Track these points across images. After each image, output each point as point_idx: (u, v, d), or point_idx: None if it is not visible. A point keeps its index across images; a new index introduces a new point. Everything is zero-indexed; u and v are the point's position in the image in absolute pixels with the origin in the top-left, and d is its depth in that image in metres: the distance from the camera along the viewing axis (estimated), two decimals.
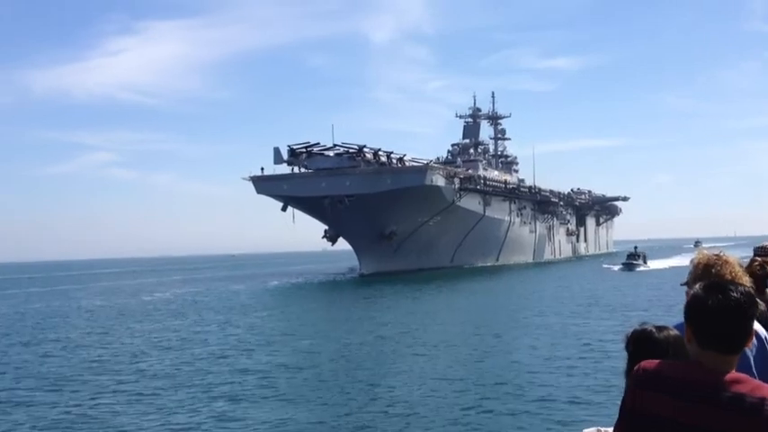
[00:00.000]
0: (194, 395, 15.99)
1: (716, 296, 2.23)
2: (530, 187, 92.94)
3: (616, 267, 65.21)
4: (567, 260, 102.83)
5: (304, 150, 66.85)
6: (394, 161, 66.15)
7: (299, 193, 65.19)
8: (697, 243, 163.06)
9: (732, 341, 2.23)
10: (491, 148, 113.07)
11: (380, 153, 66.75)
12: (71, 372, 20.05)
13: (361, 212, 64.48)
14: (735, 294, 2.22)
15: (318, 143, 66.62)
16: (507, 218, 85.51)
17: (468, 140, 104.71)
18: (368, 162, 65.76)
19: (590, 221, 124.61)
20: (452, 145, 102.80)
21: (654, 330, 2.60)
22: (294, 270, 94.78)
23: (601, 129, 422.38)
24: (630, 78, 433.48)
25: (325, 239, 69.72)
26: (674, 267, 58.57)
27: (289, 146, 66.58)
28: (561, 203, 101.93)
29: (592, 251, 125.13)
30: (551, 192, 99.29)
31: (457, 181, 69.95)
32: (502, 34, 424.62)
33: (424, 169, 64.80)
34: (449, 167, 69.33)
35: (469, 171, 75.91)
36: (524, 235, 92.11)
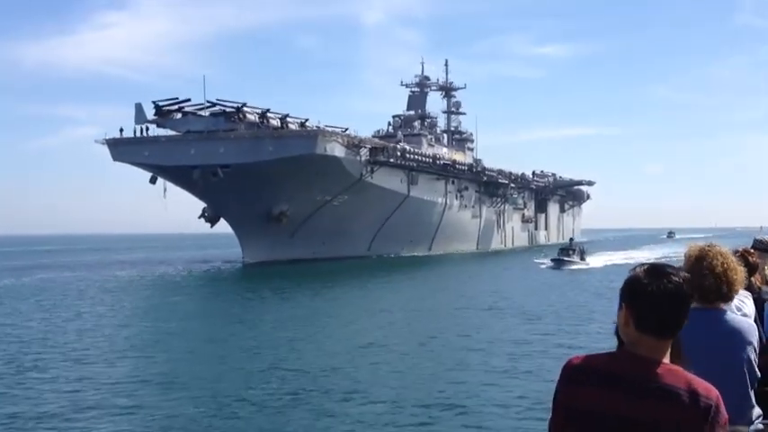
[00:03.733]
0: None
1: (658, 280, 2.20)
2: (470, 165, 79.90)
3: (547, 264, 52.47)
4: (523, 250, 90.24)
5: (174, 108, 53.78)
6: (278, 123, 53.10)
7: (163, 162, 52.24)
8: (670, 234, 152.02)
9: (670, 326, 2.21)
10: (441, 122, 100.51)
11: (270, 114, 53.75)
12: None
13: (239, 187, 51.68)
14: (676, 279, 2.20)
15: (189, 99, 53.58)
16: (441, 200, 72.74)
17: (412, 112, 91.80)
18: (251, 125, 52.80)
19: (552, 208, 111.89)
20: (393, 116, 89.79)
21: None
22: (157, 257, 78.73)
23: (590, 117, 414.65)
24: (621, 69, 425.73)
25: (203, 220, 56.87)
26: (618, 265, 46.35)
27: (154, 102, 53.50)
28: (513, 186, 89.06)
29: (554, 240, 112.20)
30: (500, 172, 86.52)
31: (364, 152, 57.01)
32: (494, 20, 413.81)
33: (313, 134, 51.79)
34: (350, 135, 56.19)
35: (382, 141, 62.85)
36: (465, 220, 79.40)
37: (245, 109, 52.23)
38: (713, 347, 3.11)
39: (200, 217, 56.59)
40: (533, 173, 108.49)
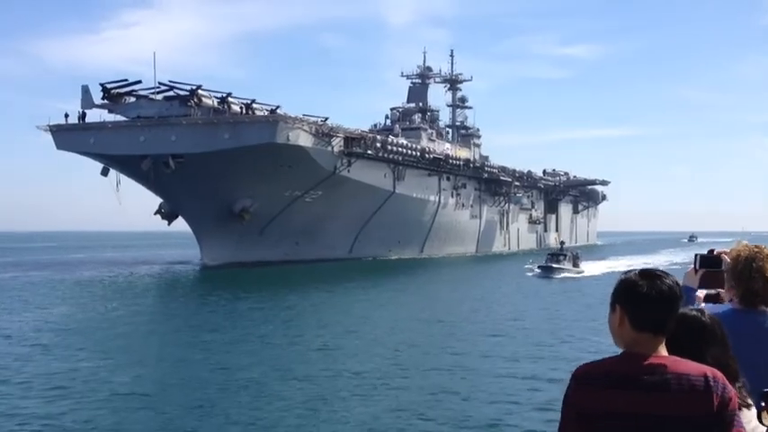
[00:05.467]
0: None
1: (651, 282, 2.31)
2: (467, 160, 73.57)
3: (534, 271, 45.94)
4: (529, 253, 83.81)
5: (124, 92, 48.27)
6: (238, 108, 47.33)
7: (110, 150, 46.81)
8: (692, 238, 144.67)
9: (665, 323, 2.32)
10: (445, 116, 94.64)
11: (232, 100, 48.01)
12: None
13: (194, 180, 46.15)
14: (668, 282, 2.33)
15: (140, 81, 48.04)
16: (434, 197, 66.66)
17: (412, 105, 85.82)
18: (207, 110, 47.13)
19: (564, 209, 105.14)
20: (391, 109, 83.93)
21: (698, 314, 2.64)
22: (103, 258, 71.84)
23: (615, 118, 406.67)
24: (647, 69, 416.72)
25: (159, 217, 51.35)
26: (618, 273, 40.07)
27: (102, 84, 48.03)
28: (517, 184, 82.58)
29: (566, 243, 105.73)
30: (503, 169, 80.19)
31: (337, 142, 51.04)
32: (520, 20, 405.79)
33: (273, 121, 45.90)
34: (319, 123, 50.10)
35: (361, 130, 56.75)
36: (462, 221, 73.24)
37: (201, 92, 46.56)
38: (760, 348, 3.02)
39: (156, 213, 51.22)
40: (544, 171, 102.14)
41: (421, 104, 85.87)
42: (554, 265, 44.58)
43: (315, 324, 24.04)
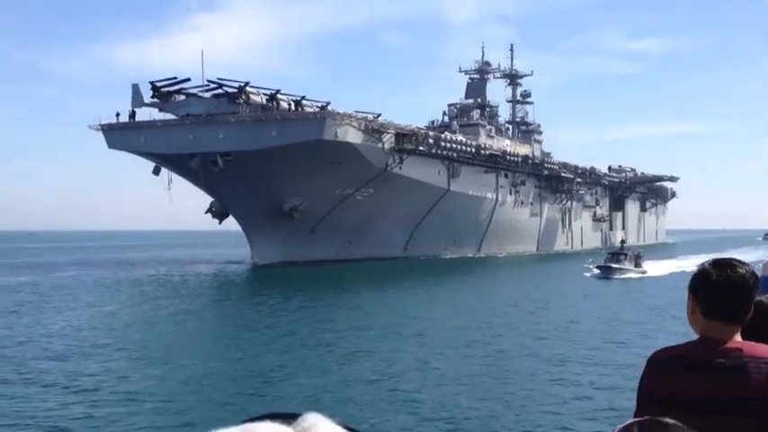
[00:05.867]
0: None
1: (722, 271, 2.30)
2: (525, 156, 71.37)
3: (592, 272, 43.56)
4: (593, 252, 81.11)
5: (174, 90, 48.06)
6: (287, 104, 46.53)
7: (160, 149, 46.61)
8: (767, 236, 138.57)
9: (736, 312, 2.30)
10: (506, 112, 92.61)
11: (281, 97, 47.29)
12: None
13: (243, 178, 45.56)
14: (741, 271, 2.31)
15: (189, 79, 47.66)
16: (492, 195, 64.84)
17: (470, 101, 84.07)
18: (256, 107, 46.50)
19: (631, 206, 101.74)
20: (449, 105, 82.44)
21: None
22: (155, 257, 70.73)
23: (685, 114, 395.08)
24: (721, 62, 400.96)
25: (210, 215, 51.00)
26: (686, 273, 37.65)
27: (151, 82, 47.87)
28: (579, 181, 79.88)
29: (633, 241, 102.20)
30: (564, 165, 77.68)
31: (388, 138, 49.78)
32: (587, 14, 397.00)
33: (321, 117, 44.91)
34: (368, 119, 48.90)
35: (414, 127, 55.32)
36: (522, 219, 71.19)
37: (249, 89, 45.91)
38: None
39: (207, 212, 50.80)
40: (609, 168, 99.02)
41: (479, 100, 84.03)
42: (613, 265, 42.31)
43: (365, 324, 23.21)
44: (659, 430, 1.45)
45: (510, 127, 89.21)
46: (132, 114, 47.94)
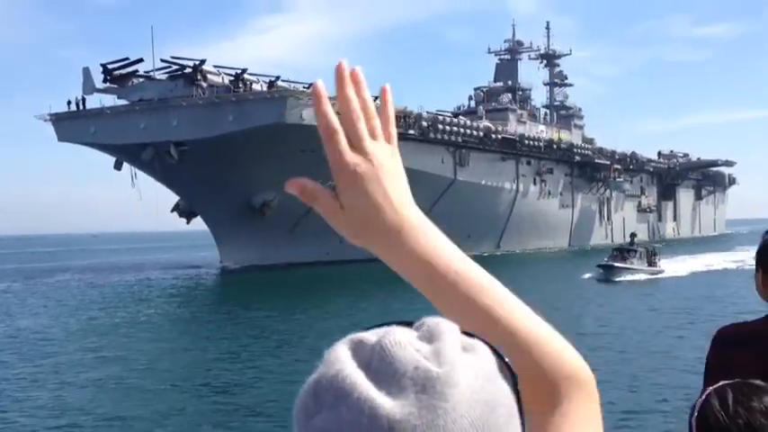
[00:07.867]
0: None
1: None
2: (550, 141, 63.70)
3: (597, 271, 35.69)
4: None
5: (127, 72, 42.41)
6: (258, 87, 40.37)
7: (111, 140, 41.07)
8: None
9: None
10: (542, 95, 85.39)
11: (248, 76, 41.18)
12: None
13: (202, 170, 39.63)
14: None
15: (142, 59, 41.84)
16: (511, 185, 57.62)
17: (500, 83, 76.98)
18: (219, 90, 40.51)
19: (684, 195, 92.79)
20: (475, 89, 75.49)
21: None
22: (121, 262, 64.73)
23: (758, 99, 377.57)
24: None
25: (176, 214, 45.28)
26: (715, 273, 30.13)
27: (102, 65, 42.29)
28: (618, 167, 71.65)
29: (686, 234, 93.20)
30: (598, 150, 69.75)
31: None
32: (649, 2, 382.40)
33: (280, 97, 38.49)
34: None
35: (404, 107, 48.40)
36: (550, 211, 63.68)
37: (205, 69, 39.92)
38: None
39: (172, 211, 45.18)
40: (659, 153, 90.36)
41: (509, 83, 76.83)
42: (617, 264, 34.57)
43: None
44: (752, 390, 1.47)
45: (547, 112, 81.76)
46: (82, 101, 42.51)
